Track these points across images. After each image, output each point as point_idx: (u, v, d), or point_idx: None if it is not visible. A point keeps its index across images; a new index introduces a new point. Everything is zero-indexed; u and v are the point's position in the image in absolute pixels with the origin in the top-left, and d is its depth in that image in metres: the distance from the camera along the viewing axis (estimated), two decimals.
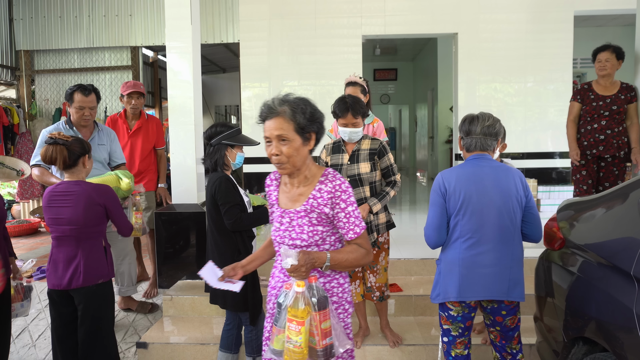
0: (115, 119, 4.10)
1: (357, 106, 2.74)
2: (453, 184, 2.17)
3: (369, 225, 2.82)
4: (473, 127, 2.22)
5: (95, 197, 2.46)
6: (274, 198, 1.83)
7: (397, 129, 15.70)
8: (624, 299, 1.64)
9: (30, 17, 6.54)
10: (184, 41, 4.02)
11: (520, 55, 5.84)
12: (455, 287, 2.15)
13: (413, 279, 3.81)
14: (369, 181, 2.81)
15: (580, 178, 4.04)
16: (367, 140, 2.85)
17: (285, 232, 1.74)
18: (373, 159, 2.80)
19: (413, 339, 3.11)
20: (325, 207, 1.67)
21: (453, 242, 2.19)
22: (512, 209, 2.13)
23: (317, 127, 1.68)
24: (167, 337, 3.29)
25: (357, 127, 2.77)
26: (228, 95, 10.71)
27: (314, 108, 1.68)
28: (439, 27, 5.91)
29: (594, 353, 1.81)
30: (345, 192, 1.68)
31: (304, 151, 1.67)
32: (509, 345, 2.25)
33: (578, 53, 6.36)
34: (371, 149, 2.82)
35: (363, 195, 2.80)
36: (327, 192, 1.67)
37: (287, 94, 1.68)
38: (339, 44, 5.96)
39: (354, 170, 2.80)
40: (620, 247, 1.77)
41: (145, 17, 6.41)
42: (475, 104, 5.86)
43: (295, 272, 1.55)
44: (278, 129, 1.62)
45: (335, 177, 1.69)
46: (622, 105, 3.84)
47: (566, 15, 5.76)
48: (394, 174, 2.86)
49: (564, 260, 2.14)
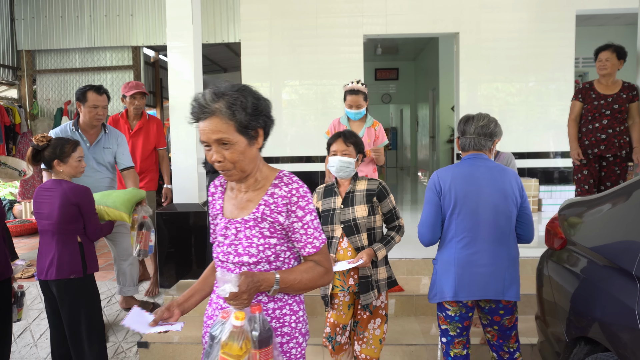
0: (117, 119, 4.11)
1: (350, 136, 2.48)
2: (448, 182, 2.18)
3: (368, 280, 2.38)
4: (468, 127, 2.25)
5: (71, 196, 2.56)
6: (218, 207, 1.54)
7: (399, 128, 15.68)
8: (626, 299, 1.63)
9: (32, 17, 6.55)
10: (185, 41, 4.02)
11: (521, 54, 5.83)
12: (451, 286, 2.15)
13: (414, 279, 3.81)
14: (367, 227, 2.40)
15: (581, 177, 4.03)
16: (363, 180, 2.49)
17: (230, 247, 1.45)
18: (371, 202, 2.42)
19: (414, 339, 3.10)
20: (279, 215, 1.41)
21: (448, 242, 2.20)
22: (507, 208, 2.14)
23: (264, 121, 1.41)
24: (169, 337, 3.29)
25: (348, 156, 2.42)
26: None
27: (257, 97, 1.39)
28: (440, 27, 5.91)
29: (595, 353, 1.81)
30: (303, 198, 1.42)
31: (252, 152, 1.40)
32: (507, 344, 2.25)
33: (580, 52, 6.35)
34: (368, 190, 2.44)
35: (360, 244, 2.38)
36: (281, 197, 1.42)
37: (220, 85, 1.38)
38: (340, 43, 5.96)
39: (349, 215, 2.40)
40: (622, 247, 1.76)
41: (146, 17, 6.41)
42: (476, 103, 5.85)
43: (235, 300, 1.27)
44: (215, 132, 1.33)
45: (291, 179, 1.45)
46: (623, 104, 3.83)
47: (568, 14, 5.75)
48: (397, 218, 2.48)
49: (566, 260, 2.13)
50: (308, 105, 6.05)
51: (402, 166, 15.49)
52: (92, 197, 2.68)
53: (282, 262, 1.46)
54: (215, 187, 1.59)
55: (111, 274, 4.18)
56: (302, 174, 5.82)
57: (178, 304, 1.53)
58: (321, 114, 6.00)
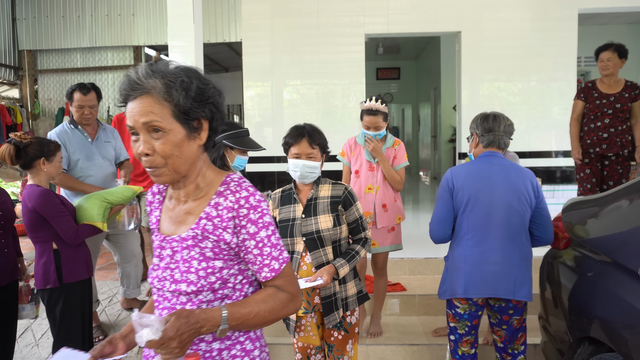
0: (121, 119, 4.12)
1: (315, 134, 2.15)
2: (461, 180, 2.17)
3: (332, 300, 2.11)
4: (496, 125, 2.24)
5: (28, 202, 2.41)
6: (154, 220, 1.26)
7: (400, 128, 15.66)
8: (630, 298, 1.62)
9: (33, 16, 6.55)
10: (186, 40, 4.02)
11: (523, 53, 5.81)
12: (461, 284, 2.14)
13: (417, 279, 3.80)
14: (332, 239, 2.11)
15: (584, 177, 4.02)
16: (326, 185, 2.17)
17: (165, 272, 1.16)
18: (336, 210, 2.12)
19: (417, 339, 3.09)
20: (225, 232, 1.13)
21: (460, 239, 2.18)
22: (520, 207, 2.12)
23: (210, 111, 1.15)
24: None
25: (314, 160, 2.12)
26: (231, 94, 10.70)
27: (204, 82, 1.14)
28: (442, 26, 5.89)
29: (600, 353, 1.79)
30: (255, 210, 1.14)
31: (191, 148, 1.12)
32: (512, 346, 2.23)
33: (582, 51, 6.32)
34: (333, 197, 2.13)
35: (325, 259, 2.09)
36: (227, 208, 1.13)
37: (162, 62, 1.14)
38: (342, 42, 5.94)
39: (311, 226, 2.10)
40: (626, 246, 1.75)
41: (147, 16, 6.41)
42: (478, 103, 5.83)
43: (162, 348, 0.99)
44: (145, 114, 1.06)
45: (239, 186, 1.16)
46: (625, 103, 3.81)
47: (570, 13, 5.72)
48: (364, 229, 2.20)
49: (569, 260, 2.12)
50: (309, 105, 6.04)
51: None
52: (50, 198, 2.44)
53: (231, 290, 1.17)
54: (154, 194, 1.30)
55: (112, 274, 4.18)
56: None
57: (122, 336, 1.22)
58: (322, 113, 5.99)
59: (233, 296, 1.17)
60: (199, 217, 1.15)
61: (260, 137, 5.97)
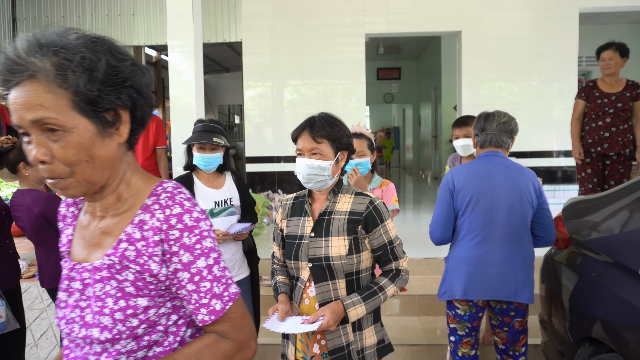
0: None
1: (323, 124, 1.61)
2: (462, 180, 2.14)
3: (344, 353, 1.57)
4: (488, 123, 2.19)
5: (34, 208, 2.40)
6: (66, 241, 0.98)
7: (401, 128, 15.66)
8: (631, 299, 1.61)
9: (34, 16, 6.56)
10: (185, 40, 4.01)
11: (524, 53, 5.80)
12: (461, 285, 2.11)
13: (417, 279, 3.79)
14: (347, 271, 1.59)
15: (585, 176, 4.01)
16: (347, 195, 1.66)
17: (73, 312, 0.89)
18: (355, 231, 1.59)
19: (416, 339, 3.08)
20: (151, 261, 0.86)
21: (460, 240, 2.16)
22: (522, 208, 2.08)
23: (130, 98, 0.86)
24: None
25: (320, 158, 1.61)
26: (231, 94, 10.71)
27: (118, 57, 0.84)
28: (442, 25, 5.88)
29: (600, 354, 1.78)
30: (191, 231, 0.86)
31: (107, 149, 0.85)
32: (513, 348, 2.21)
33: (583, 51, 6.31)
34: (352, 214, 1.61)
35: (333, 295, 1.58)
36: (154, 229, 0.86)
37: (55, 31, 0.82)
38: (342, 42, 5.94)
39: (320, 250, 1.59)
40: (627, 246, 1.74)
41: (147, 16, 6.41)
42: (479, 102, 5.82)
43: None
44: (32, 108, 0.78)
45: (172, 198, 0.88)
46: (627, 102, 3.81)
47: (571, 12, 5.71)
48: (395, 258, 1.64)
49: (570, 260, 2.11)
50: (310, 105, 6.03)
51: (404, 166, 15.46)
52: (56, 203, 2.41)
53: (162, 334, 0.90)
54: (67, 206, 1.01)
55: None
56: None
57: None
58: None
59: (164, 342, 0.90)
60: (118, 239, 0.87)
61: (261, 137, 5.97)
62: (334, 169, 1.63)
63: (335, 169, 1.64)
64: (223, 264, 0.92)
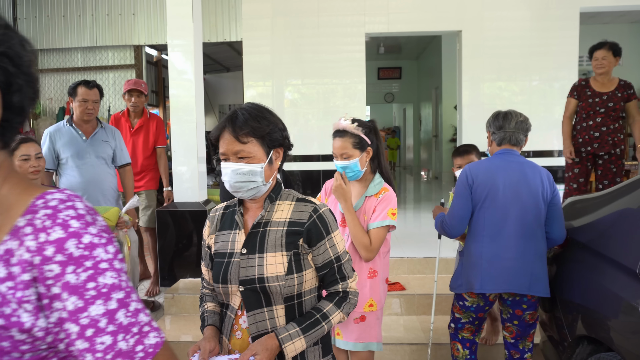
0: (118, 118, 4.12)
1: (248, 119, 1.31)
2: (480, 176, 2.19)
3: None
4: (507, 122, 2.27)
5: None
6: None
7: (401, 127, 15.65)
8: (629, 298, 1.61)
9: (34, 16, 6.56)
10: (185, 39, 4.01)
11: (525, 53, 5.79)
12: (477, 279, 2.15)
13: (416, 278, 3.79)
14: (285, 294, 1.31)
15: (571, 175, 4.02)
16: (287, 202, 1.39)
17: None
18: (296, 246, 1.33)
19: (416, 339, 3.08)
20: (22, 310, 0.62)
21: (476, 235, 2.20)
22: (536, 204, 2.15)
23: (4, 71, 0.64)
24: (169, 335, 3.28)
25: (249, 161, 1.32)
26: (232, 94, 10.70)
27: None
28: (443, 25, 5.87)
29: (598, 353, 1.78)
30: (79, 264, 0.62)
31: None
32: (522, 342, 2.24)
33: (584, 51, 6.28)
34: (292, 224, 1.34)
35: (270, 325, 1.31)
36: (22, 263, 0.61)
37: None
38: (343, 42, 5.93)
39: (253, 270, 1.31)
40: (626, 245, 1.74)
41: (148, 15, 6.41)
42: (479, 102, 5.82)
43: None
44: None
45: (55, 216, 0.63)
46: (618, 102, 3.81)
47: (572, 12, 5.70)
48: (343, 278, 1.38)
49: (569, 259, 2.11)
50: (310, 105, 6.03)
51: (404, 165, 15.46)
52: None
53: None
54: None
55: None
56: (304, 173, 5.81)
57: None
58: (323, 113, 5.98)
59: None
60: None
61: None
62: (267, 172, 1.35)
63: (269, 171, 1.36)
64: (135, 305, 0.65)
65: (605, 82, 3.89)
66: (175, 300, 3.60)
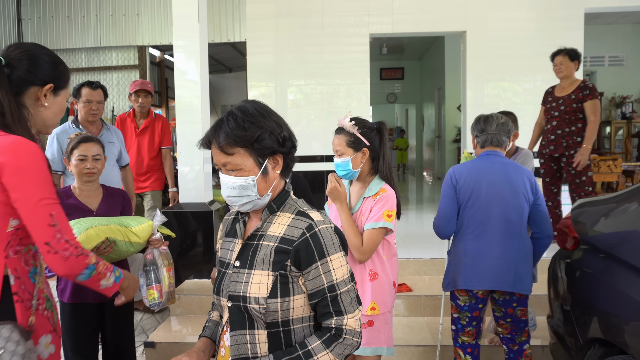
0: (124, 118, 4.12)
1: (233, 127, 1.16)
2: (464, 177, 2.28)
3: None
4: (488, 125, 2.36)
5: None
6: None
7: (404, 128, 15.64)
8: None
9: (39, 17, 6.57)
10: (191, 40, 4.01)
11: (529, 53, 5.78)
12: (462, 276, 2.25)
13: (422, 279, 3.78)
14: (268, 319, 1.17)
15: (542, 174, 4.28)
16: (288, 214, 1.23)
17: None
18: (283, 266, 1.17)
19: (423, 340, 3.07)
20: None
21: (461, 234, 2.30)
22: (519, 204, 2.23)
23: None
24: (175, 337, 3.27)
25: (239, 174, 1.19)
26: (234, 94, 10.71)
27: None
28: (447, 25, 5.87)
29: (610, 355, 1.77)
30: None
31: None
32: (519, 337, 2.33)
33: (587, 51, 6.29)
34: (284, 240, 1.19)
35: (250, 352, 1.18)
36: None
37: None
38: (346, 42, 5.93)
39: (240, 286, 1.20)
40: (638, 246, 1.72)
41: (152, 16, 6.42)
42: (483, 103, 5.81)
43: None
44: None
45: None
46: (570, 105, 3.97)
47: (576, 12, 5.69)
48: (339, 313, 1.17)
49: (578, 260, 2.10)
50: (313, 105, 6.03)
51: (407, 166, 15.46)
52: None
53: None
54: None
55: None
56: (307, 173, 5.80)
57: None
58: (326, 113, 5.98)
59: None
60: None
61: None
62: (262, 183, 1.19)
63: (264, 183, 1.20)
64: None
65: (566, 86, 4.10)
66: (181, 301, 3.60)
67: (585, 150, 3.86)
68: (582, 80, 4.10)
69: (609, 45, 7.85)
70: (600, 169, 6.07)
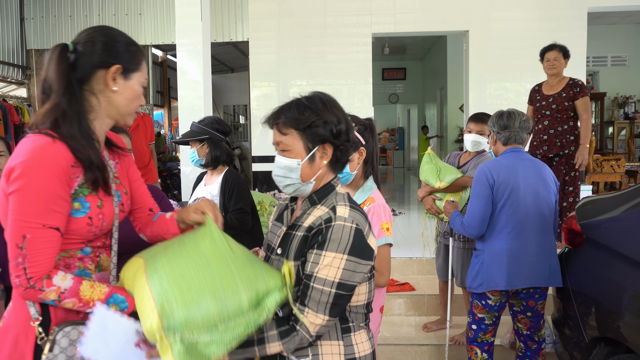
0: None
1: (291, 107, 1.24)
2: (502, 175, 2.22)
3: None
4: (511, 121, 2.31)
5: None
6: None
7: (406, 128, 15.63)
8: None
9: (41, 16, 6.58)
10: (194, 39, 4.02)
11: (532, 53, 5.74)
12: (503, 276, 2.19)
13: (425, 278, 3.77)
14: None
15: None
16: (324, 208, 1.22)
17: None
18: (303, 254, 1.20)
19: (425, 339, 3.07)
20: None
21: (498, 233, 2.23)
22: (550, 199, 2.25)
23: None
24: None
25: (287, 155, 1.22)
26: (236, 94, 10.72)
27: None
28: (449, 25, 5.86)
29: (617, 354, 1.77)
30: None
31: None
32: (537, 334, 2.30)
33: (590, 51, 6.28)
34: (308, 228, 1.20)
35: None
36: None
37: None
38: (349, 42, 5.92)
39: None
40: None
41: (154, 16, 6.42)
42: (485, 103, 5.80)
43: None
44: None
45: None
46: (562, 103, 3.85)
47: (579, 12, 5.68)
48: (302, 303, 1.15)
49: (584, 259, 2.09)
50: None
51: (409, 166, 15.44)
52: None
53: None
54: None
55: None
56: None
57: None
58: None
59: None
60: None
61: (266, 137, 5.96)
62: (306, 169, 1.20)
63: (309, 169, 1.21)
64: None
65: (554, 84, 3.98)
66: None
67: (584, 149, 3.79)
68: (569, 77, 3.99)
69: (612, 45, 7.82)
70: (603, 169, 6.05)
